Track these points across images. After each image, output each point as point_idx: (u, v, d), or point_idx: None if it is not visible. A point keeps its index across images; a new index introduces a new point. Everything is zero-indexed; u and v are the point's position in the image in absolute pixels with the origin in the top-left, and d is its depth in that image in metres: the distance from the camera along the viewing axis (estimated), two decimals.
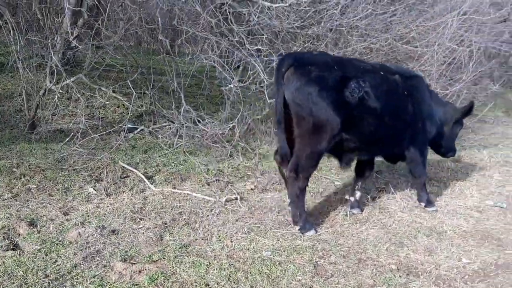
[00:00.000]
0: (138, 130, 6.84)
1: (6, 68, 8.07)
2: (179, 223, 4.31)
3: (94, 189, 4.92)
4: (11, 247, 3.67)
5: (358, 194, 4.93)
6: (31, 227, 3.98)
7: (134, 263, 3.55)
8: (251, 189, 5.37)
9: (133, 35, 9.91)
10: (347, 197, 4.97)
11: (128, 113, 6.89)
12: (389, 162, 5.50)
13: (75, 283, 3.25)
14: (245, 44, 6.52)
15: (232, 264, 3.61)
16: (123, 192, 4.93)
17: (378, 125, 4.34)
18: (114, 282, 3.29)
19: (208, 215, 4.52)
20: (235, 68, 7.33)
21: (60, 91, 6.81)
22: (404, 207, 5.05)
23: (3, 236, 3.79)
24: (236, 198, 4.96)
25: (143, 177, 5.27)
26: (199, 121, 6.82)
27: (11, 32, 7.01)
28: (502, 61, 12.81)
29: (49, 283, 3.21)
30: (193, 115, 6.87)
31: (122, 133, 6.41)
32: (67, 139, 6.09)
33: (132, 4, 6.80)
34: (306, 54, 4.38)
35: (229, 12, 6.57)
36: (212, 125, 6.83)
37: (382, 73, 4.46)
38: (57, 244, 3.73)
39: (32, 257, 3.52)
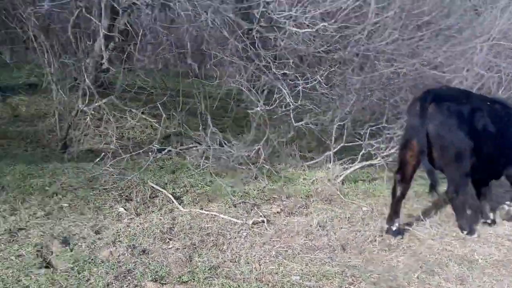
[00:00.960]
0: (166, 151, 6.93)
1: (39, 89, 8.33)
2: (207, 245, 4.33)
3: (124, 208, 4.98)
4: (44, 264, 3.74)
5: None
6: (64, 245, 4.05)
7: (165, 284, 3.58)
8: (277, 212, 5.36)
9: (161, 59, 10.13)
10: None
11: (157, 134, 7.01)
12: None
13: None
14: (271, 68, 6.60)
15: None
16: (152, 212, 4.98)
17: (493, 148, 4.92)
18: None
19: (235, 237, 4.54)
20: (261, 91, 7.41)
21: (92, 112, 6.98)
22: (434, 234, 4.98)
23: (37, 254, 3.86)
24: (263, 221, 4.96)
25: (171, 197, 5.32)
26: (225, 143, 6.88)
27: (45, 54, 7.27)
28: None
29: None
30: (219, 137, 6.95)
31: (150, 153, 6.50)
32: (98, 159, 6.21)
33: (163, 29, 6.98)
34: (441, 91, 4.95)
35: (256, 37, 6.67)
36: (238, 147, 6.88)
37: (488, 103, 5.04)
38: (89, 263, 3.78)
39: (65, 275, 3.58)
